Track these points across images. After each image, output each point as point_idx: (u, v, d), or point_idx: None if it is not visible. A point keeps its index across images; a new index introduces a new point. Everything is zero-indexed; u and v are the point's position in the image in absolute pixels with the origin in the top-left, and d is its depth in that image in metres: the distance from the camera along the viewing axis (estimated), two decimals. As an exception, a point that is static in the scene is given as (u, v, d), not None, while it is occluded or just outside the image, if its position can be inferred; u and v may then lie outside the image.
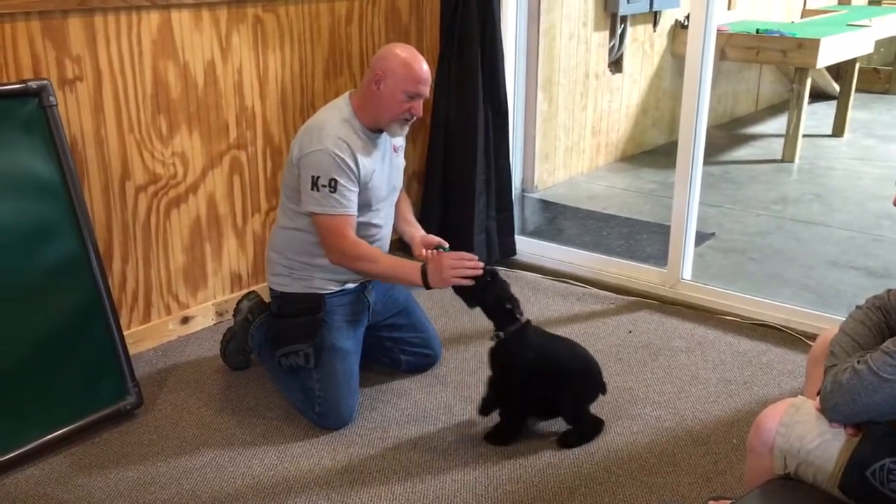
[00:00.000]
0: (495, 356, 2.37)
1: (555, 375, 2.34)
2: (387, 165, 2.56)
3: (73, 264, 2.40)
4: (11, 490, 2.17)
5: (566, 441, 2.36)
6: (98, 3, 2.49)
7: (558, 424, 2.46)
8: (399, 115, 2.43)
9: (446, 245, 2.57)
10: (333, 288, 2.53)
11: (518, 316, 2.33)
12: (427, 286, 2.35)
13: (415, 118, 2.48)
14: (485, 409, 2.43)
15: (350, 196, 2.39)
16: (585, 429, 2.39)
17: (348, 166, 2.37)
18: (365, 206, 2.48)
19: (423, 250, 2.57)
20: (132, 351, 2.61)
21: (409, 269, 2.40)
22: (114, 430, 2.43)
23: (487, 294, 2.32)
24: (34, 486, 2.18)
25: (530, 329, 2.36)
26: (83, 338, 2.41)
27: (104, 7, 2.52)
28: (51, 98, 2.36)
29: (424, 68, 2.43)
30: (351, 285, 2.56)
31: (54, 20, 2.43)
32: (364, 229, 2.51)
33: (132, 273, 2.80)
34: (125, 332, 2.58)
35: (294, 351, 2.47)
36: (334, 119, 2.43)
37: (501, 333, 2.33)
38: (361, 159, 2.41)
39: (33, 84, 2.34)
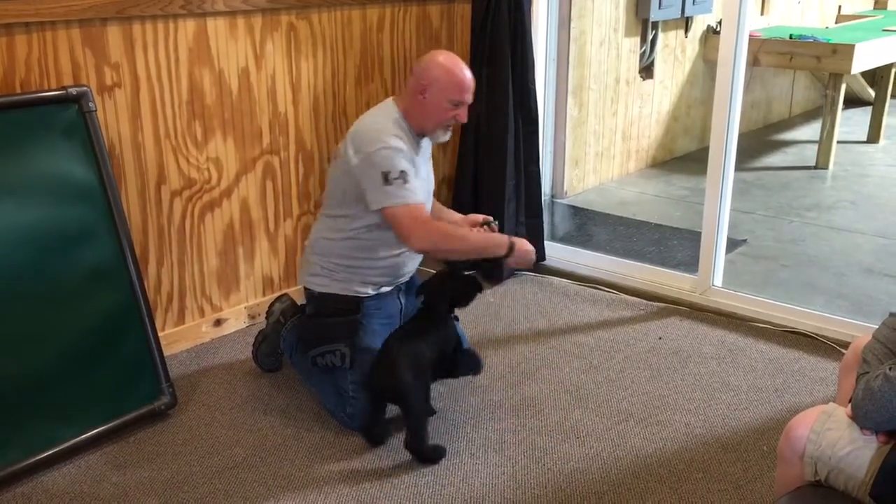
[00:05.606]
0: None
1: None
2: (426, 170, 2.60)
3: (110, 267, 2.45)
4: (49, 487, 2.21)
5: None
6: (136, 12, 2.55)
7: (586, 429, 2.46)
8: (444, 121, 2.50)
9: (491, 219, 2.66)
10: (371, 291, 2.55)
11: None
12: (506, 256, 2.52)
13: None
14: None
15: (419, 187, 2.44)
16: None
17: (410, 160, 2.43)
18: None
19: (471, 228, 2.63)
20: (166, 352, 2.65)
21: (498, 240, 2.54)
22: (148, 430, 2.47)
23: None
24: (71, 484, 2.23)
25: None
26: (119, 339, 2.46)
27: (142, 15, 2.57)
28: (90, 104, 2.42)
29: (468, 75, 2.49)
30: (386, 288, 2.59)
31: (94, 28, 2.49)
32: None
33: (167, 276, 2.85)
34: (160, 334, 2.62)
35: (331, 350, 2.48)
36: (387, 120, 2.47)
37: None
38: (412, 158, 2.47)
39: (73, 90, 2.39)
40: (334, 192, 2.53)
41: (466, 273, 2.53)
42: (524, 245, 2.56)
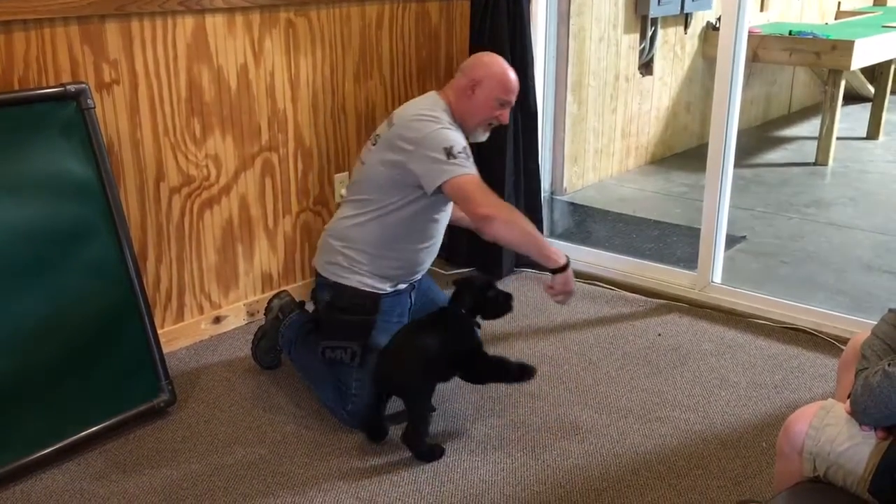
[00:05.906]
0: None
1: None
2: None
3: (109, 264, 2.44)
4: (49, 484, 2.22)
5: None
6: (134, 9, 2.54)
7: (585, 426, 2.47)
8: (487, 119, 2.54)
9: None
10: (388, 288, 2.53)
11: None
12: (558, 271, 2.44)
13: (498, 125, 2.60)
14: None
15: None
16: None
17: (465, 139, 2.47)
18: (446, 200, 2.50)
19: None
20: (165, 350, 2.65)
21: (556, 249, 2.46)
22: (147, 428, 2.47)
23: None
24: (70, 482, 2.23)
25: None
26: (118, 336, 2.46)
27: (140, 12, 2.57)
28: (89, 101, 2.42)
29: (515, 78, 2.56)
30: (402, 286, 2.58)
31: (92, 25, 2.49)
32: (429, 225, 2.53)
33: (166, 273, 2.85)
34: (159, 332, 2.62)
35: (342, 346, 2.47)
36: (437, 109, 2.48)
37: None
38: None
39: (72, 88, 2.39)
40: (368, 178, 2.50)
41: (502, 290, 2.48)
42: (572, 275, 2.49)
